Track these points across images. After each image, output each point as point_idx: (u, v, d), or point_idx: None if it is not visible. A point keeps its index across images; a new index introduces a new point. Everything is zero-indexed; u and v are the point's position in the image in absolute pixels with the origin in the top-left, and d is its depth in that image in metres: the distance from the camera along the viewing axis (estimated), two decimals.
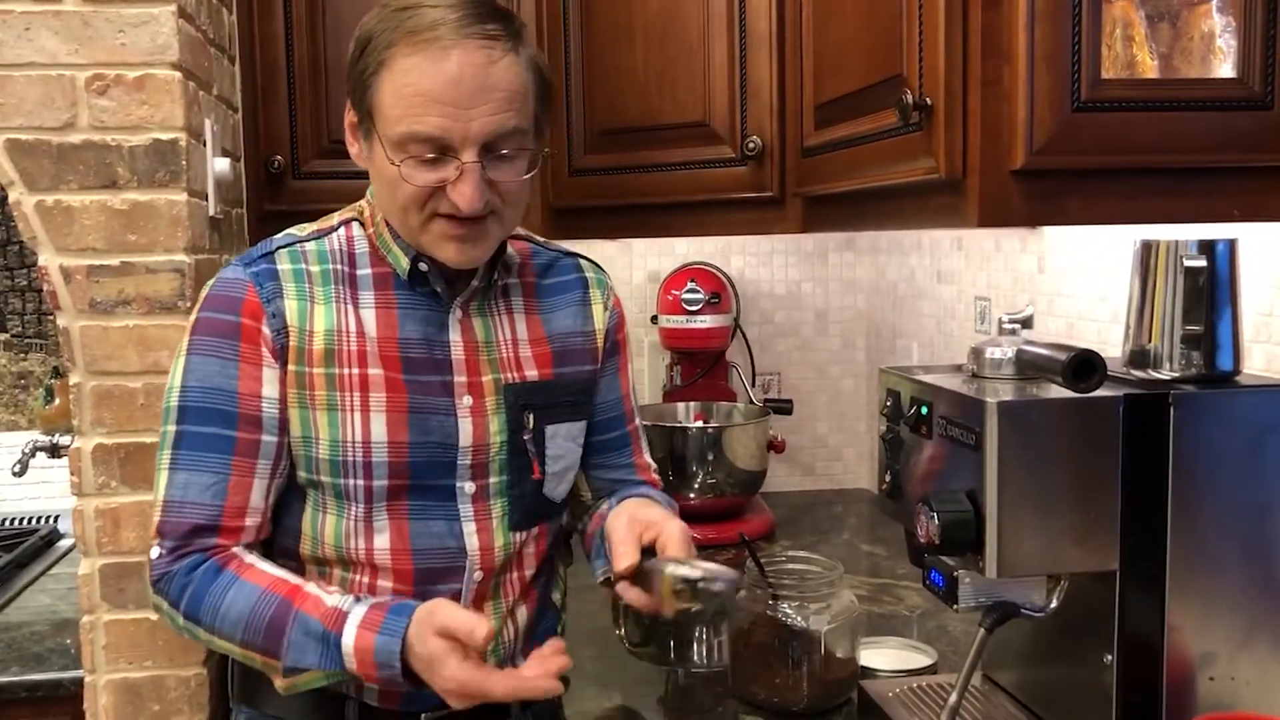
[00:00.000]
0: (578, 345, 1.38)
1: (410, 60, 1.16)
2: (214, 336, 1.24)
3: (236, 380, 1.23)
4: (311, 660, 1.17)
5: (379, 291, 1.28)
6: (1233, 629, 1.14)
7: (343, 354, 1.25)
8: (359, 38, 1.22)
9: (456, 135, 1.16)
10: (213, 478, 1.22)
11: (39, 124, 1.47)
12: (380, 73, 1.18)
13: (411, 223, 1.22)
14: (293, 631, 1.17)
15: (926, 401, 1.21)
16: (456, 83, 1.15)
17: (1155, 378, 1.17)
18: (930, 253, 2.33)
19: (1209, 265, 1.15)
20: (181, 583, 1.21)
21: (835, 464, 2.67)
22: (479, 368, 1.30)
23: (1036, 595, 1.19)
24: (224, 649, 1.23)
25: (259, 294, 1.24)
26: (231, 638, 1.20)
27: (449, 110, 1.16)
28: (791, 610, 1.41)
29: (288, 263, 1.27)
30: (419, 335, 1.28)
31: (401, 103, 1.17)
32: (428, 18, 1.16)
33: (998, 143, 1.14)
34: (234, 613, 1.19)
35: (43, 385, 2.53)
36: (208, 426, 1.22)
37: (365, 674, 1.16)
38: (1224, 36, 1.20)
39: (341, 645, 1.15)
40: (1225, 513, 1.13)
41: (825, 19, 1.55)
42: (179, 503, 1.22)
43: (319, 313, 1.25)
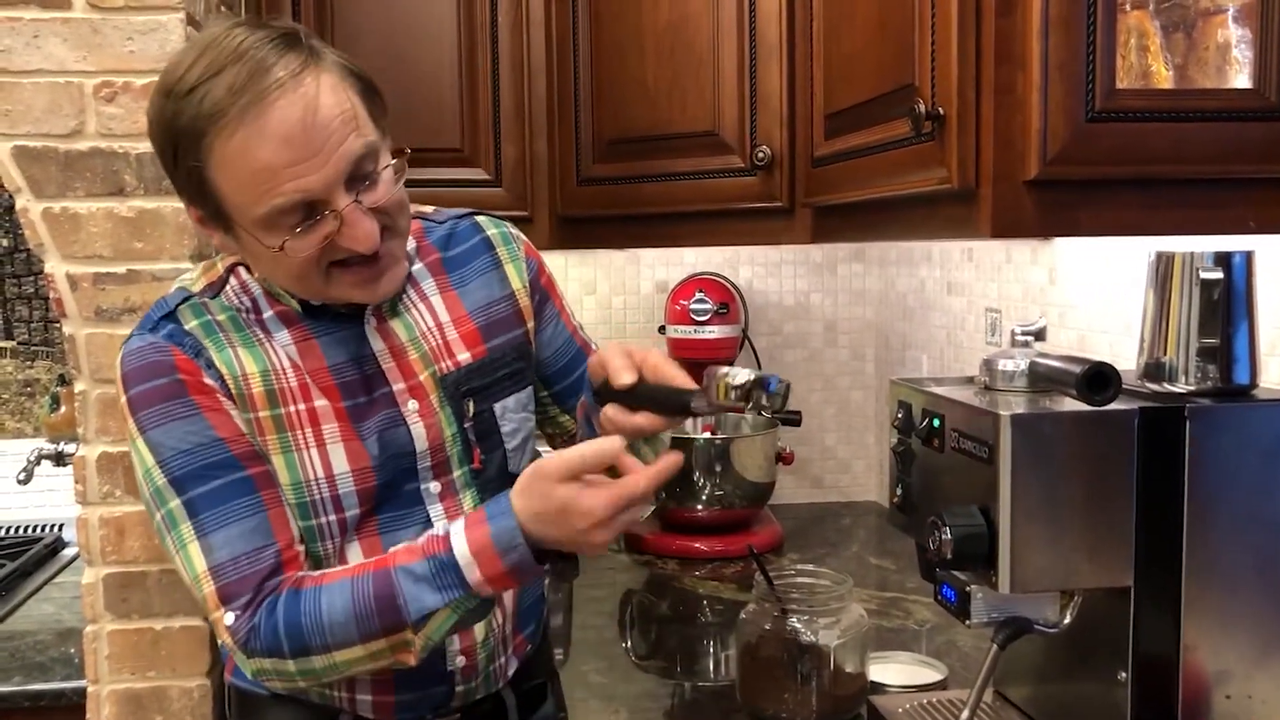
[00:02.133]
0: (502, 313, 1.32)
1: (231, 142, 1.05)
2: (161, 403, 1.15)
3: (211, 430, 1.15)
4: (432, 600, 1.09)
5: (290, 328, 1.22)
6: (1249, 646, 1.13)
7: (285, 392, 1.19)
8: (161, 142, 1.11)
9: (318, 187, 1.08)
10: (252, 521, 1.14)
11: (47, 131, 1.47)
12: (207, 169, 1.08)
13: (314, 286, 1.16)
14: (403, 587, 1.10)
15: (938, 414, 1.20)
16: (288, 140, 1.06)
17: (1170, 391, 1.16)
18: (940, 264, 2.31)
19: (1225, 277, 1.13)
20: (270, 626, 1.12)
21: (844, 476, 2.66)
22: (412, 368, 1.25)
23: (1050, 611, 1.18)
24: (350, 664, 1.13)
25: (183, 350, 1.16)
26: (350, 641, 1.11)
27: (299, 169, 1.07)
28: (800, 624, 1.40)
29: (193, 318, 1.19)
30: (345, 358, 1.22)
31: (247, 186, 1.07)
32: (220, 88, 1.05)
33: (1011, 153, 1.12)
34: (339, 615, 1.11)
35: (49, 393, 2.52)
36: (214, 481, 1.14)
37: (491, 576, 1.09)
38: (1240, 47, 1.19)
39: (456, 558, 1.09)
40: (1241, 528, 1.12)
41: (836, 28, 1.54)
42: (232, 560, 1.13)
43: (245, 357, 1.19)
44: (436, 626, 1.11)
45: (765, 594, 1.44)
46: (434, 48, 1.96)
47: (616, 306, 2.54)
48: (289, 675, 1.14)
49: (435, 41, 1.95)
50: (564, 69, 1.98)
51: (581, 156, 1.98)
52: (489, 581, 1.09)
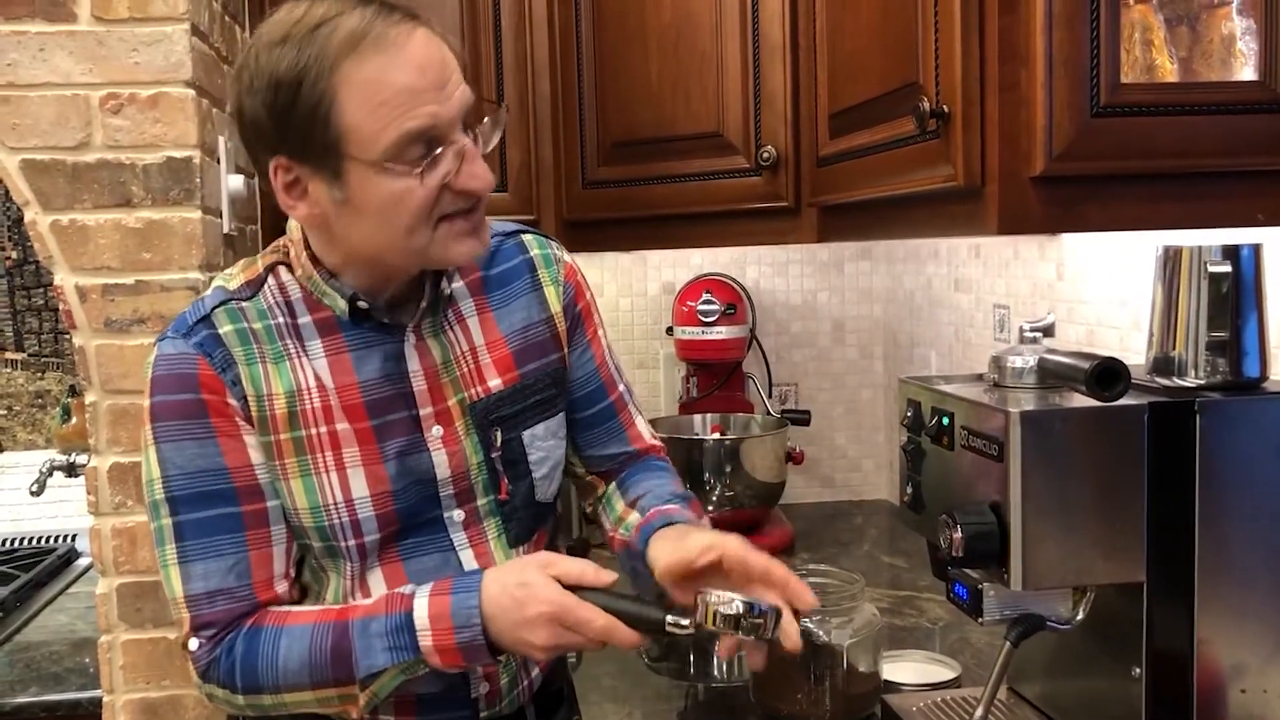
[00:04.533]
0: (538, 337, 1.31)
1: (367, 64, 1.06)
2: (180, 420, 1.15)
3: (221, 456, 1.15)
4: (383, 658, 1.11)
5: (325, 338, 1.20)
6: (1264, 640, 1.12)
7: (307, 414, 1.18)
8: (283, 84, 1.07)
9: (444, 120, 1.09)
10: (232, 559, 1.15)
11: (54, 144, 1.48)
12: (335, 99, 1.07)
13: (418, 242, 1.13)
14: (357, 641, 1.12)
15: (948, 412, 1.20)
16: (424, 65, 1.08)
17: (1180, 385, 1.15)
18: (948, 261, 2.31)
19: (1233, 270, 1.13)
20: (228, 661, 1.14)
21: (854, 475, 2.65)
22: (442, 393, 1.23)
23: (1062, 607, 1.17)
24: (298, 705, 1.15)
25: (211, 365, 1.16)
26: (300, 686, 1.13)
27: (431, 94, 1.08)
28: (813, 624, 1.39)
29: (228, 323, 1.18)
30: (378, 374, 1.21)
31: (380, 111, 1.07)
32: (352, 20, 1.07)
33: (1016, 149, 1.12)
34: (294, 659, 1.13)
35: (60, 404, 2.53)
36: (207, 510, 1.15)
37: (441, 647, 1.10)
38: (1244, 39, 1.18)
39: (414, 619, 1.10)
40: (1254, 521, 1.11)
41: (839, 26, 1.54)
42: (207, 595, 1.15)
43: (273, 374, 1.18)
44: (383, 684, 1.13)
45: None
46: None
47: (624, 308, 2.54)
48: (238, 707, 1.17)
49: None
50: (567, 70, 1.98)
51: (586, 160, 1.98)
52: (439, 652, 1.11)
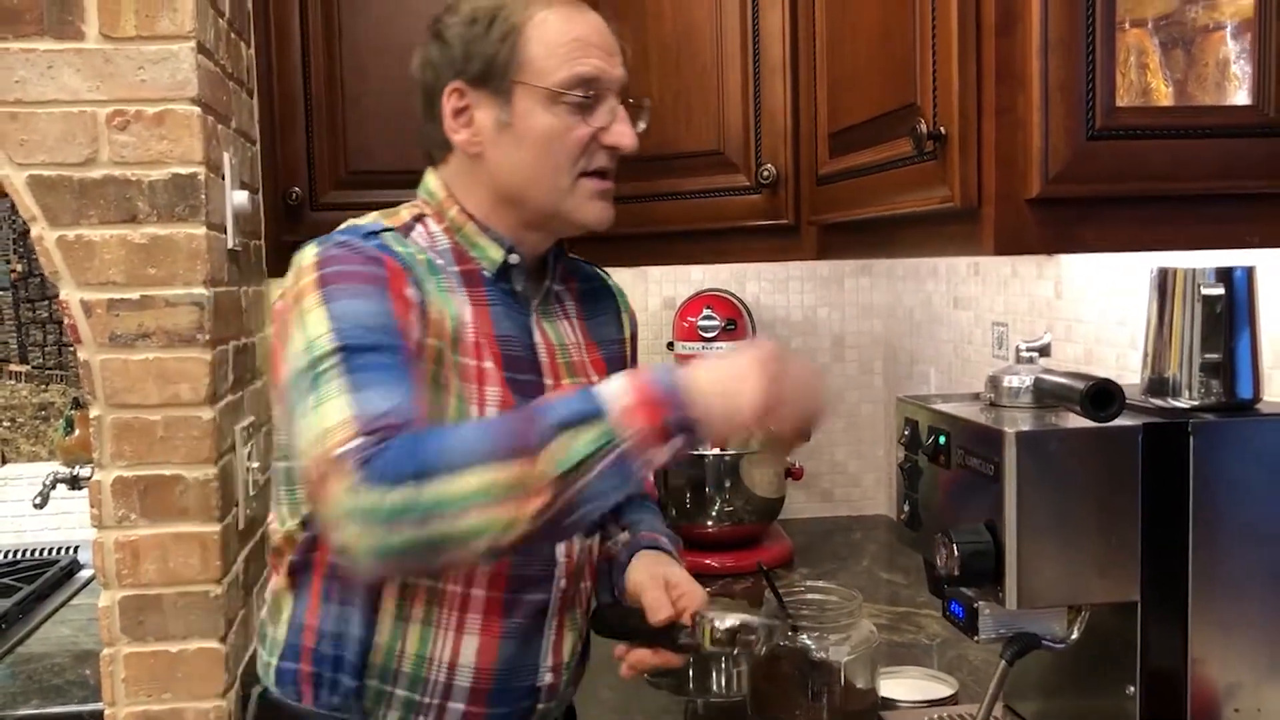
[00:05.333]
0: (618, 353, 1.41)
1: (555, 14, 1.23)
2: (356, 283, 1.12)
3: (393, 315, 1.11)
4: (572, 408, 1.00)
5: (470, 288, 1.25)
6: (1257, 659, 1.13)
7: (465, 343, 1.21)
8: (479, 17, 1.23)
9: (608, 78, 1.24)
10: (402, 388, 1.05)
11: (61, 160, 1.49)
12: (524, 30, 1.22)
13: (562, 182, 1.24)
14: (543, 406, 1.03)
15: (944, 431, 1.21)
16: (599, 30, 1.25)
17: (1175, 406, 1.16)
18: (947, 278, 2.32)
19: (1226, 292, 1.14)
20: (398, 449, 0.99)
21: (854, 490, 2.66)
22: (558, 371, 1.29)
23: (1057, 626, 1.18)
24: (466, 497, 0.97)
25: (395, 261, 1.17)
26: (472, 460, 0.98)
27: (601, 54, 1.24)
28: (811, 641, 1.40)
29: (397, 245, 1.21)
30: (511, 334, 1.25)
31: (560, 50, 1.22)
32: None
33: (1012, 171, 1.13)
34: (467, 437, 1.03)
35: (63, 416, 2.55)
36: (378, 356, 1.07)
37: (639, 401, 0.99)
38: (1239, 63, 1.19)
39: (608, 390, 1.01)
40: (1247, 541, 1.12)
41: (839, 47, 1.55)
42: (374, 412, 1.01)
43: (437, 299, 1.20)
44: (570, 448, 0.98)
45: (776, 611, 1.45)
46: None
47: None
48: (388, 514, 0.97)
49: None
50: None
51: None
52: (636, 410, 0.99)
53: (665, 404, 1.00)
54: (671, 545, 1.40)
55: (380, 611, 1.22)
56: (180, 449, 1.53)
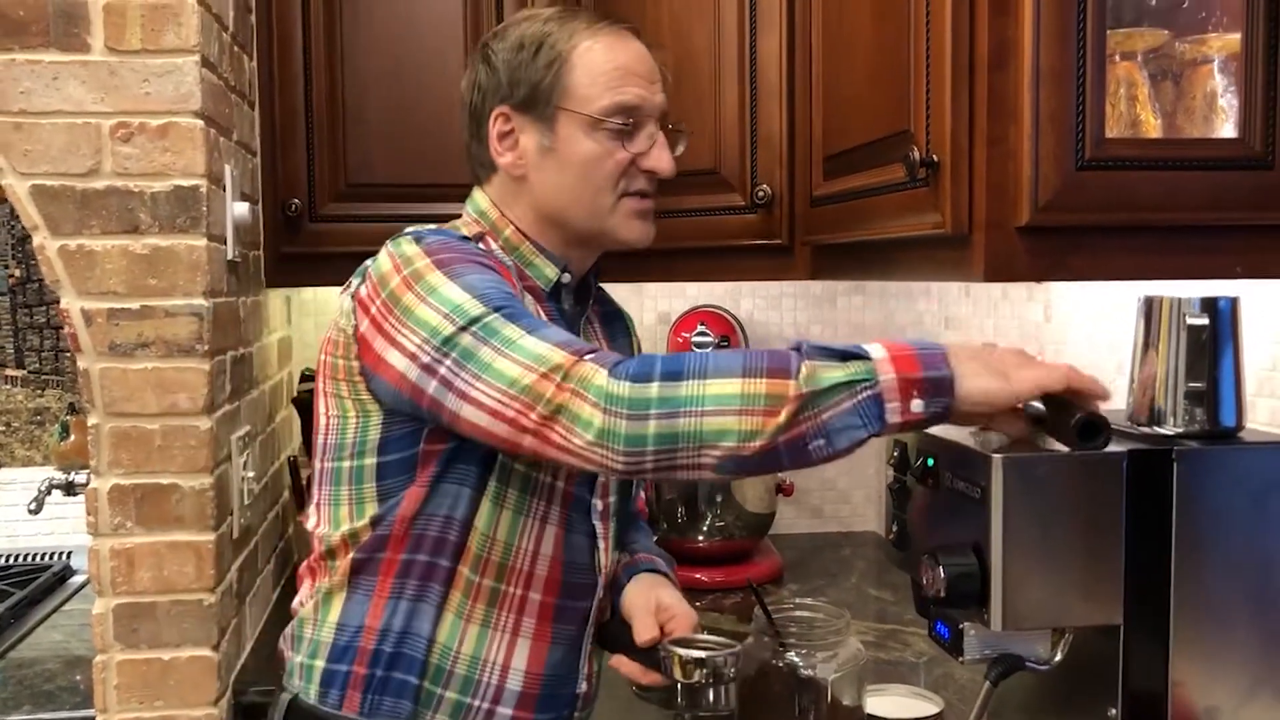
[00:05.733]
0: None
1: (599, 43, 1.29)
2: (477, 264, 1.19)
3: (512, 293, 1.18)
4: (834, 352, 1.03)
5: (535, 303, 1.31)
6: (1237, 684, 1.15)
7: None
8: (526, 45, 1.29)
9: (648, 106, 1.29)
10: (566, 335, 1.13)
11: (64, 170, 1.50)
12: (570, 58, 1.28)
13: (604, 203, 1.29)
14: (795, 351, 1.05)
15: (933, 454, 1.23)
16: (641, 59, 1.31)
17: (1159, 433, 1.19)
18: (939, 298, 2.34)
19: (1211, 322, 1.16)
20: (637, 362, 1.06)
21: (843, 506, 2.68)
22: None
23: (1041, 648, 1.20)
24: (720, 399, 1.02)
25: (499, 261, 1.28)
26: (729, 371, 1.03)
27: (642, 83, 1.29)
28: (798, 658, 1.42)
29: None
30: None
31: (602, 78, 1.27)
32: (588, 16, 1.33)
33: (1003, 200, 1.16)
34: (722, 358, 1.05)
35: (59, 421, 2.55)
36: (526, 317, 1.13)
37: (898, 353, 1.02)
38: (1226, 96, 1.22)
39: (866, 348, 1.04)
40: (1229, 568, 1.14)
41: (835, 72, 1.58)
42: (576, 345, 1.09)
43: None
44: (825, 374, 1.01)
45: (764, 627, 1.46)
46: (440, 84, 1.98)
47: None
48: (644, 402, 1.03)
49: (440, 76, 1.97)
50: None
51: None
52: (894, 361, 1.02)
53: (927, 362, 1.02)
54: (667, 567, 1.45)
55: (444, 609, 1.25)
56: (177, 458, 1.54)
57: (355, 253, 1.39)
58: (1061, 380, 1.04)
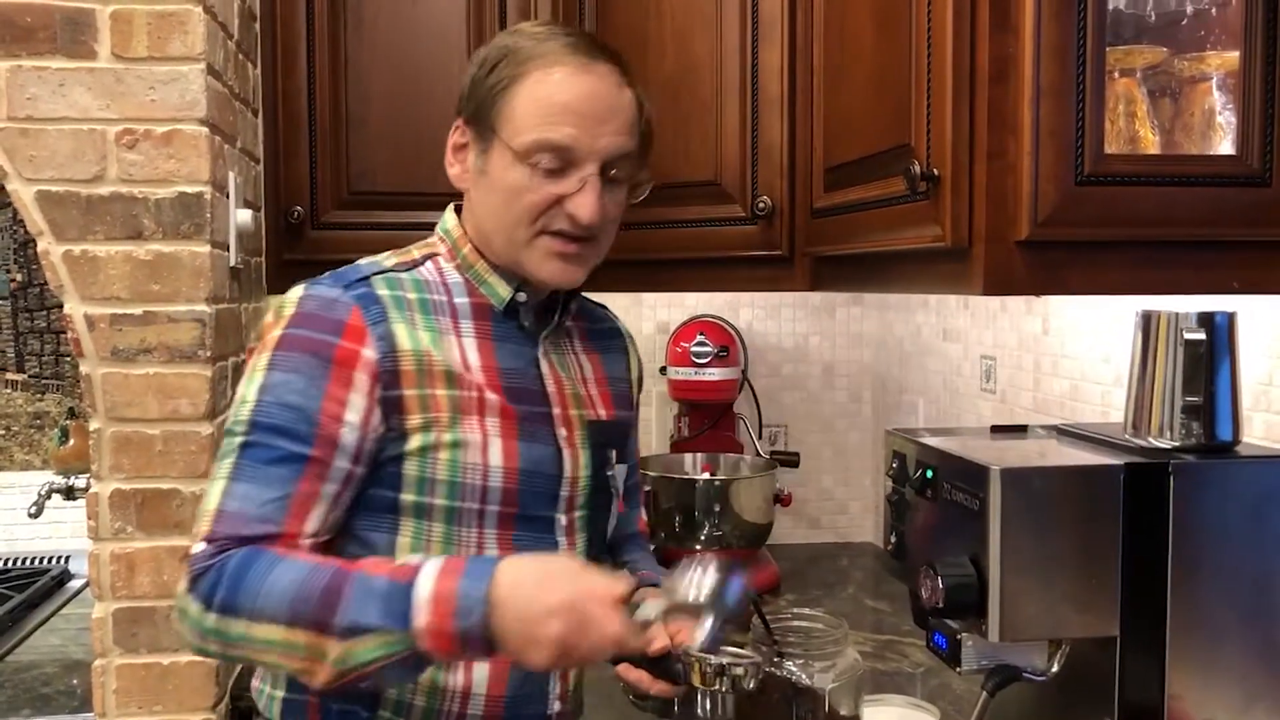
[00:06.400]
0: (624, 390, 1.43)
1: (549, 72, 1.21)
2: (302, 353, 1.18)
3: (320, 400, 1.16)
4: (373, 617, 1.04)
5: (477, 321, 1.28)
6: (1233, 697, 1.16)
7: (461, 377, 1.23)
8: (487, 56, 1.26)
9: (583, 148, 1.21)
10: (277, 493, 1.14)
11: (69, 176, 1.52)
12: (516, 84, 1.22)
13: (519, 237, 1.24)
14: (352, 589, 1.06)
15: (931, 465, 1.24)
16: (592, 98, 1.21)
17: (1156, 446, 1.19)
18: (937, 310, 2.35)
19: (1208, 337, 1.17)
20: (218, 572, 1.09)
21: (841, 517, 2.69)
22: (566, 402, 1.31)
23: (1038, 659, 1.20)
24: (264, 645, 1.08)
25: (364, 316, 1.20)
26: (276, 618, 1.06)
27: (581, 122, 1.20)
28: (796, 668, 1.42)
29: (385, 289, 1.24)
30: (516, 367, 1.28)
31: (537, 111, 1.21)
32: (561, 40, 1.24)
33: (1003, 214, 1.16)
34: (280, 586, 1.07)
35: (58, 426, 2.56)
36: (280, 441, 1.15)
37: (436, 628, 1.04)
38: (1224, 113, 1.23)
39: (413, 594, 1.04)
40: (1225, 581, 1.15)
41: (836, 85, 1.59)
42: (235, 514, 1.13)
43: (426, 339, 1.23)
44: (361, 650, 1.05)
45: (762, 637, 1.47)
46: (442, 93, 1.98)
47: None
48: (203, 631, 1.10)
49: (442, 85, 1.98)
50: None
51: None
52: (431, 635, 1.05)
53: (463, 618, 1.04)
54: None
55: None
56: (178, 463, 1.55)
57: (356, 260, 1.40)
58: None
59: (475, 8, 1.99)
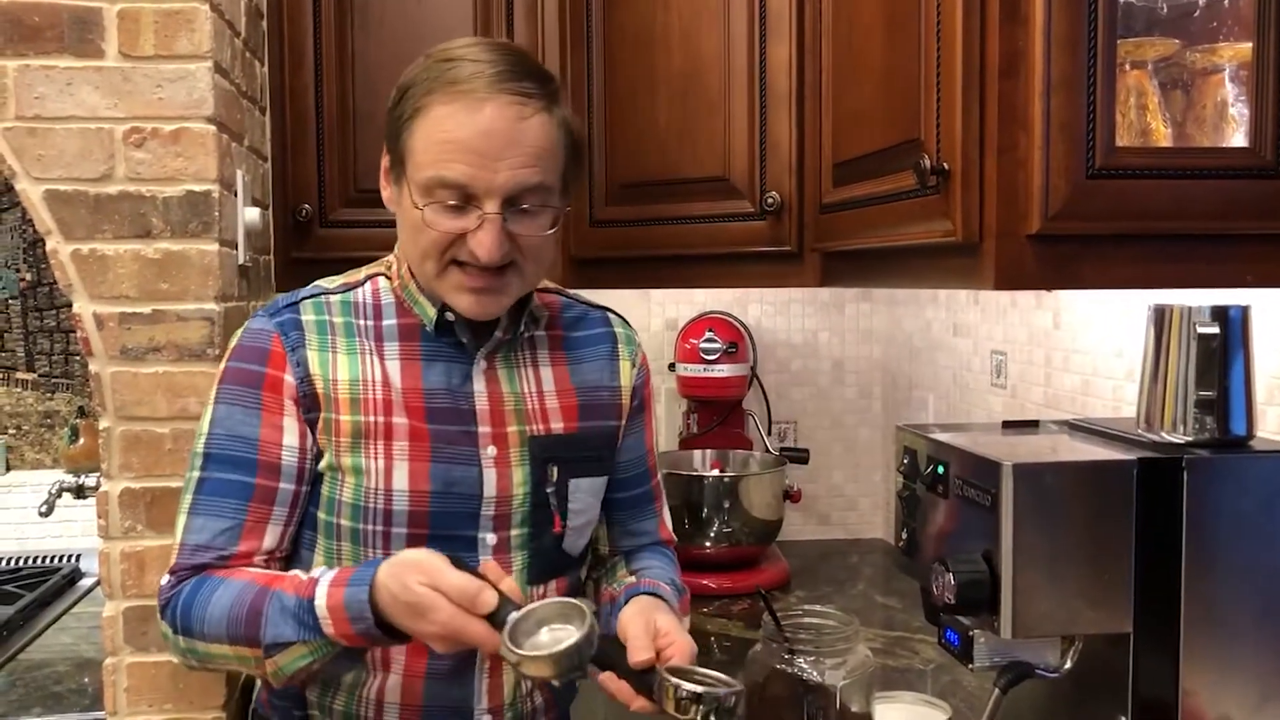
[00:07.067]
0: (604, 400, 1.40)
1: (445, 109, 1.19)
2: (239, 385, 1.27)
3: (258, 428, 1.25)
4: (290, 633, 1.15)
5: (404, 342, 1.30)
6: (1247, 693, 1.15)
7: (368, 402, 1.26)
8: (400, 85, 1.25)
9: (480, 185, 1.18)
10: (228, 523, 1.24)
11: (77, 175, 1.51)
12: (415, 119, 1.21)
13: (428, 269, 1.24)
14: (270, 610, 1.16)
15: (943, 461, 1.23)
16: (487, 135, 1.18)
17: (1169, 441, 1.19)
18: (947, 305, 2.35)
19: (1222, 331, 1.16)
20: (176, 601, 1.22)
21: (851, 513, 2.68)
22: (504, 419, 1.31)
23: (1051, 656, 1.20)
24: (221, 658, 1.22)
25: (284, 343, 1.27)
26: (220, 638, 1.19)
27: (476, 160, 1.18)
28: (807, 665, 1.42)
29: (311, 314, 1.30)
30: (443, 385, 1.29)
31: (432, 148, 1.19)
32: (466, 70, 1.19)
33: (1013, 208, 1.16)
34: (219, 610, 1.18)
35: (68, 425, 2.56)
36: (228, 473, 1.25)
37: (342, 633, 1.14)
38: (1236, 105, 1.22)
39: (315, 608, 1.14)
40: (1239, 576, 1.14)
41: (845, 80, 1.58)
42: (194, 546, 1.24)
43: (341, 362, 1.27)
44: (290, 660, 1.17)
45: (773, 634, 1.46)
46: None
47: None
48: (180, 651, 1.24)
49: None
50: (578, 113, 2.01)
51: (594, 199, 2.02)
52: (344, 638, 1.14)
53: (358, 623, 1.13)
54: (674, 595, 1.40)
55: None
56: (187, 462, 1.54)
57: (364, 258, 1.41)
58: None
59: (482, 4, 1.99)
